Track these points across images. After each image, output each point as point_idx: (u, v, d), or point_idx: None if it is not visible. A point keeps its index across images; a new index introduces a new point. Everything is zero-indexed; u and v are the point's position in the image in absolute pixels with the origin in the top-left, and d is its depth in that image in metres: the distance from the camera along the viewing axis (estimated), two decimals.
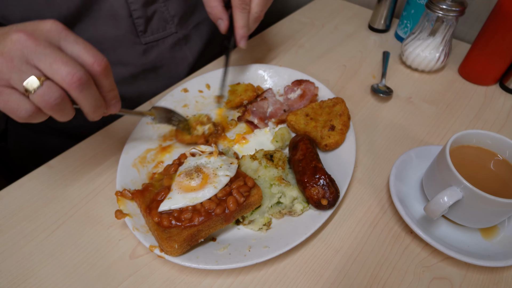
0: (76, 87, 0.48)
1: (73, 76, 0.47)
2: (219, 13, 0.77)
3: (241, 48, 0.80)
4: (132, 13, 0.84)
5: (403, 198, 0.67)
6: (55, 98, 0.48)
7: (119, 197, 0.66)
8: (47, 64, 0.46)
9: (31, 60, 0.46)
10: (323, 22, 1.21)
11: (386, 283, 0.60)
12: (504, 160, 0.63)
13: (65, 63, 0.47)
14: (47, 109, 0.49)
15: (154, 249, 0.59)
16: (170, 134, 0.82)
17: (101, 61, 0.50)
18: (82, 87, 0.48)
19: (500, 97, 0.95)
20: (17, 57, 0.46)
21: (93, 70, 0.50)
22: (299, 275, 0.61)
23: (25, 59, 0.46)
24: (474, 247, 0.62)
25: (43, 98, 0.47)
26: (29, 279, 0.60)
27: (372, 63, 1.05)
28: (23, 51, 0.46)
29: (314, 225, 0.63)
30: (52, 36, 0.48)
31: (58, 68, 0.46)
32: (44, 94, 0.47)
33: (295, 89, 0.89)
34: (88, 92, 0.50)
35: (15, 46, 0.46)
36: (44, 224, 0.67)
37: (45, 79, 0.47)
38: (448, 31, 0.93)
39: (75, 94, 0.49)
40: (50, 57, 0.46)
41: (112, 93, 0.55)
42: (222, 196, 0.62)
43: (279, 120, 0.85)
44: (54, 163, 0.78)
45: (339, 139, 0.76)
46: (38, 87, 0.47)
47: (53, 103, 0.48)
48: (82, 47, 0.49)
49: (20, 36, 0.46)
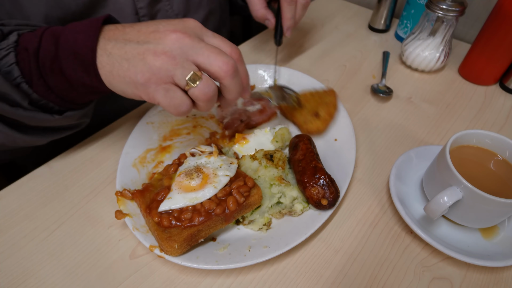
0: (230, 74, 0.53)
1: (228, 64, 0.52)
2: (264, 14, 0.85)
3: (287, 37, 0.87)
4: (138, 11, 0.85)
5: (403, 198, 0.67)
6: (212, 90, 0.53)
7: (119, 197, 0.66)
8: (205, 56, 0.51)
9: (190, 56, 0.51)
10: (323, 22, 1.21)
11: (386, 283, 0.60)
12: (504, 160, 0.63)
13: (219, 53, 0.52)
14: (203, 101, 0.53)
15: (154, 249, 0.59)
16: (170, 134, 0.82)
17: (236, 50, 0.56)
18: (235, 74, 0.53)
19: (500, 97, 0.95)
20: (178, 55, 0.50)
21: (233, 58, 0.54)
22: (299, 275, 0.61)
23: (185, 56, 0.51)
24: (474, 247, 0.62)
25: (203, 91, 0.52)
26: (29, 279, 0.60)
27: (372, 63, 1.05)
28: (182, 49, 0.51)
29: (314, 225, 0.63)
30: (197, 32, 0.54)
31: (214, 59, 0.51)
32: (204, 87, 0.52)
33: (255, 103, 0.88)
34: (237, 79, 0.55)
35: (175, 44, 0.50)
36: (44, 224, 0.67)
37: (202, 73, 0.52)
38: (448, 31, 0.93)
39: (228, 81, 0.54)
40: (205, 49, 0.51)
41: (247, 78, 0.60)
42: (222, 196, 0.62)
43: (233, 131, 0.81)
44: (54, 163, 0.78)
45: (321, 126, 0.79)
46: (199, 80, 0.51)
47: (211, 94, 0.53)
48: (220, 40, 0.55)
49: (178, 36, 0.51)
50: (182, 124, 0.85)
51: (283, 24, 0.85)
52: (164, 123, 0.84)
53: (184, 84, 0.51)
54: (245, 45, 1.11)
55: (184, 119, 0.86)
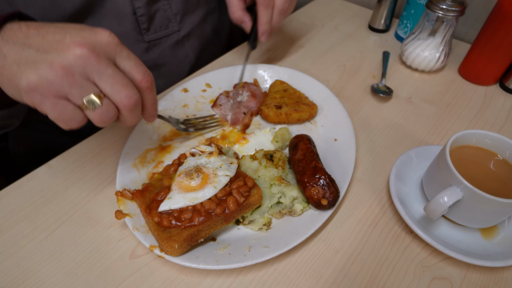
0: (130, 109, 0.51)
1: (130, 99, 0.50)
2: (241, 16, 0.84)
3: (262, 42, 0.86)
4: (136, 11, 0.85)
5: (403, 198, 0.67)
6: (111, 117, 0.51)
7: (119, 197, 0.66)
8: (108, 85, 0.48)
9: (92, 78, 0.47)
10: (323, 22, 1.21)
11: (386, 283, 0.60)
12: (504, 160, 0.63)
13: (124, 85, 0.49)
14: (98, 124, 0.51)
15: (154, 249, 0.59)
16: (170, 134, 0.82)
17: (148, 78, 0.53)
18: (134, 109, 0.52)
19: (500, 97, 0.95)
20: (79, 73, 0.46)
21: (141, 86, 0.52)
22: (299, 275, 0.61)
23: (86, 75, 0.47)
24: (474, 247, 0.62)
25: (100, 116, 0.50)
26: (29, 279, 0.60)
27: (372, 63, 1.05)
28: (85, 68, 0.46)
29: (314, 225, 0.63)
30: (109, 51, 0.49)
31: (118, 90, 0.49)
32: (102, 112, 0.49)
33: (240, 92, 0.89)
34: (136, 112, 0.53)
35: (78, 62, 0.46)
36: (44, 224, 0.67)
37: (103, 97, 0.49)
38: (448, 31, 0.93)
39: (125, 113, 0.52)
40: (112, 78, 0.48)
41: (153, 107, 0.58)
42: (222, 196, 0.62)
43: (245, 125, 0.84)
44: (54, 163, 0.78)
45: (269, 116, 0.83)
46: (98, 105, 0.49)
47: (108, 120, 0.51)
48: (134, 63, 0.51)
49: (84, 52, 0.46)
50: None
51: (258, 28, 0.83)
52: (164, 123, 0.84)
53: (80, 104, 0.48)
54: (245, 45, 1.10)
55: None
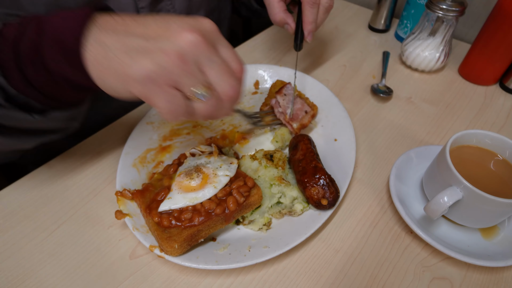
0: (232, 100, 0.49)
1: (234, 90, 0.48)
2: (283, 18, 0.80)
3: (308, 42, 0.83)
4: (139, 11, 0.85)
5: (403, 198, 0.67)
6: (213, 110, 0.49)
7: (119, 197, 0.66)
8: (217, 73, 0.47)
9: (203, 66, 0.46)
10: (323, 22, 1.21)
11: (386, 283, 0.60)
12: (504, 160, 0.63)
13: (230, 75, 0.48)
14: (203, 117, 0.50)
15: (154, 249, 0.59)
16: (170, 134, 0.82)
17: (242, 68, 0.51)
18: (235, 100, 0.50)
19: (500, 97, 0.95)
20: (192, 60, 0.45)
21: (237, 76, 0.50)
22: (299, 275, 0.61)
23: (198, 63, 0.45)
24: (474, 247, 0.62)
25: (205, 108, 0.48)
26: (29, 279, 0.60)
27: (372, 63, 1.05)
28: (198, 55, 0.45)
29: (314, 225, 0.63)
30: (213, 38, 0.48)
31: (225, 80, 0.47)
32: (212, 104, 0.48)
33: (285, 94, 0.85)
34: (234, 103, 0.51)
35: (191, 48, 0.44)
36: (44, 224, 0.67)
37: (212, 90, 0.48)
38: (448, 31, 0.93)
39: (226, 105, 0.50)
40: (220, 66, 0.47)
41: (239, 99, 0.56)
42: (222, 196, 0.62)
43: (302, 125, 0.79)
44: (54, 163, 0.77)
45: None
46: (207, 97, 0.47)
47: (209, 114, 0.49)
48: (231, 52, 0.50)
49: (197, 38, 0.44)
50: (182, 124, 0.85)
51: (304, 28, 0.79)
52: (164, 123, 0.84)
53: (190, 94, 0.47)
54: (245, 45, 1.11)
55: (184, 119, 0.86)
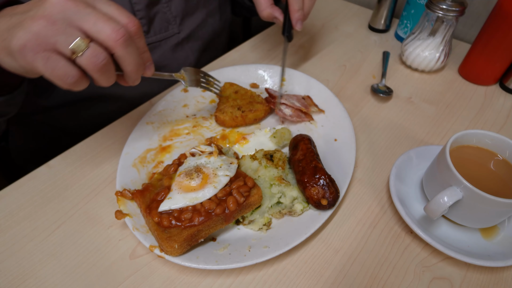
0: (121, 43, 0.48)
1: (117, 32, 0.47)
2: (271, 12, 0.82)
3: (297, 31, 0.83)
4: (135, 13, 0.85)
5: (403, 198, 0.67)
6: (102, 59, 0.48)
7: (119, 197, 0.66)
8: (90, 23, 0.47)
9: (74, 22, 0.46)
10: (323, 22, 1.21)
11: (386, 283, 0.60)
12: (504, 160, 0.63)
13: (107, 20, 0.47)
14: (94, 72, 0.49)
15: (154, 249, 0.59)
16: (170, 134, 0.82)
17: (134, 21, 0.51)
18: (127, 43, 0.49)
19: (500, 97, 0.95)
20: (60, 19, 0.46)
21: (129, 30, 0.50)
22: (299, 275, 0.61)
23: (68, 21, 0.46)
24: (474, 247, 0.62)
25: (90, 60, 0.48)
26: (29, 279, 0.60)
27: (372, 63, 1.05)
28: (65, 13, 0.46)
29: (314, 225, 0.63)
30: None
31: (102, 26, 0.47)
32: (91, 55, 0.47)
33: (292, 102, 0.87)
34: (132, 49, 0.51)
35: (56, 8, 0.46)
36: (44, 224, 0.67)
37: (90, 41, 0.47)
38: (448, 31, 0.93)
39: (120, 51, 0.49)
40: (93, 15, 0.47)
41: (146, 54, 0.56)
42: (222, 196, 0.62)
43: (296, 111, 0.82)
44: (54, 163, 0.77)
45: (227, 121, 0.82)
46: (85, 49, 0.47)
47: (100, 64, 0.48)
48: (115, 8, 0.50)
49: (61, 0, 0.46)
50: (182, 124, 0.85)
51: (291, 17, 0.80)
52: (164, 123, 0.84)
53: (69, 53, 0.47)
54: (245, 45, 1.11)
55: (184, 119, 0.86)
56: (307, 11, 0.83)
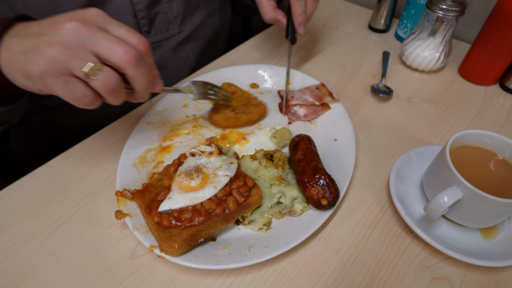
0: (133, 64, 0.51)
1: (129, 54, 0.50)
2: (274, 16, 0.83)
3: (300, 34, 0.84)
4: (136, 14, 0.85)
5: (403, 198, 0.67)
6: (114, 82, 0.51)
7: (119, 197, 0.66)
8: (104, 47, 0.49)
9: (88, 46, 0.49)
10: (323, 22, 1.21)
11: (386, 283, 0.60)
12: (504, 160, 0.63)
13: (119, 43, 0.50)
14: (106, 93, 0.52)
15: (154, 249, 0.59)
16: (170, 134, 0.82)
17: (144, 41, 0.54)
18: (138, 64, 0.51)
19: (500, 97, 0.95)
20: (75, 45, 0.48)
21: (139, 50, 0.53)
22: (299, 275, 0.61)
23: (82, 46, 0.49)
24: (474, 247, 0.62)
25: (103, 83, 0.50)
26: (29, 279, 0.60)
27: (372, 63, 1.05)
28: (79, 39, 0.48)
29: (314, 225, 0.63)
30: (99, 22, 0.51)
31: (115, 49, 0.49)
32: (105, 79, 0.50)
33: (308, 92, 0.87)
34: (143, 69, 0.53)
35: (71, 34, 0.48)
36: (44, 224, 0.67)
37: (102, 65, 0.50)
38: (448, 31, 0.93)
39: (132, 71, 0.52)
40: (105, 40, 0.49)
41: (155, 71, 0.59)
42: (222, 196, 0.62)
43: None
44: (54, 163, 0.77)
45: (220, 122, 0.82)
46: (99, 72, 0.49)
47: (112, 86, 0.51)
48: (126, 30, 0.53)
49: (74, 25, 0.48)
50: (182, 124, 0.85)
51: (294, 20, 0.82)
52: (164, 123, 0.84)
53: (84, 76, 0.50)
54: (245, 45, 1.11)
55: (184, 119, 0.86)
56: (309, 14, 0.84)
